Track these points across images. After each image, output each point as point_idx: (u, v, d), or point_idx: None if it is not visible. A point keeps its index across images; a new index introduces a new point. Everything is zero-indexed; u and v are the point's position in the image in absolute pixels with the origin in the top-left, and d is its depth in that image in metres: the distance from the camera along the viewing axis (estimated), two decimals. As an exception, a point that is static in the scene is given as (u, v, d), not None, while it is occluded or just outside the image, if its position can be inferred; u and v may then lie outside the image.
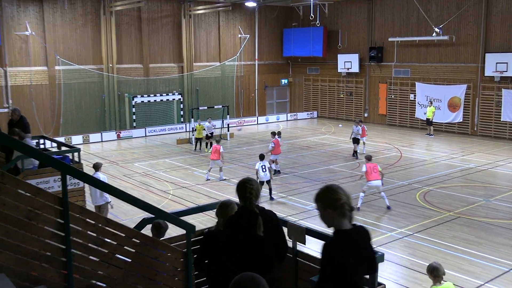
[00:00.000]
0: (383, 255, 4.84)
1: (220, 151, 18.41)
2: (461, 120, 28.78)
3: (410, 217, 14.09)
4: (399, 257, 11.22)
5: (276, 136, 19.60)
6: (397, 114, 32.18)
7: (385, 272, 10.24)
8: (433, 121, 28.47)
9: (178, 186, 17.87)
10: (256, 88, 36.55)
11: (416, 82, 30.62)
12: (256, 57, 36.22)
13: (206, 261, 5.28)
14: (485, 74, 27.32)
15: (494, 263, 10.92)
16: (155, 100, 31.14)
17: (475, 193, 16.59)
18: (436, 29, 27.95)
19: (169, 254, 5.24)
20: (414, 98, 30.84)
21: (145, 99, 30.68)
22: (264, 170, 15.65)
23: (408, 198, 16.04)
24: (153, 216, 5.36)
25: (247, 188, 4.70)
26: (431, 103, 28.90)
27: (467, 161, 21.49)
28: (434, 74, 29.95)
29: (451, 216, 14.15)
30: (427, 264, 10.71)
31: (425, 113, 28.99)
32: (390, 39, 31.33)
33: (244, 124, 33.21)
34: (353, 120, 33.38)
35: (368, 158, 15.36)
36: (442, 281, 6.99)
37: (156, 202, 14.84)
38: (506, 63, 26.15)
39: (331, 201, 3.76)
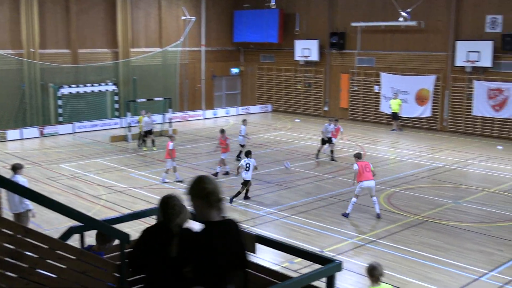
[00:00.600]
0: (340, 263, 4.99)
1: (169, 148, 18.50)
2: (429, 115, 29.68)
3: (373, 222, 14.48)
4: (361, 266, 11.50)
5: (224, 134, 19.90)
6: (360, 107, 32.84)
7: (345, 283, 10.50)
8: (399, 115, 29.29)
9: (112, 190, 17.69)
10: (203, 78, 36.49)
11: (381, 73, 31.35)
12: (203, 43, 36.14)
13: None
14: (456, 64, 28.27)
15: (462, 271, 11.39)
16: (85, 92, 30.60)
17: (443, 194, 17.20)
18: (403, 14, 28.67)
19: (100, 268, 5.22)
20: (379, 90, 31.56)
21: (73, 90, 30.11)
22: (247, 169, 16.01)
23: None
24: (82, 225, 5.33)
25: (170, 205, 4.91)
26: (397, 95, 29.67)
27: (436, 160, 22.21)
28: (401, 63, 30.75)
29: (417, 220, 14.62)
30: (391, 274, 11.10)
31: (390, 107, 29.74)
32: (353, 24, 31.92)
33: (189, 119, 33.13)
34: (313, 114, 33.90)
35: (358, 156, 15.29)
36: (380, 282, 7.33)
37: (85, 209, 14.66)
38: (479, 52, 27.13)
39: (198, 191, 4.17)
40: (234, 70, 38.51)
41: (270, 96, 37.57)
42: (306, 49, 34.19)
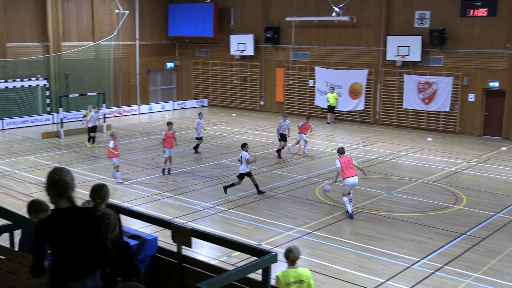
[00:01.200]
0: (275, 255, 5.04)
1: (109, 146, 18.08)
2: (362, 108, 30.36)
3: (309, 214, 14.69)
4: (298, 258, 11.66)
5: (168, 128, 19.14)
6: (295, 101, 33.21)
7: (282, 275, 10.59)
8: (336, 108, 29.95)
9: (44, 188, 17.15)
10: (137, 72, 35.92)
11: (315, 67, 31.79)
12: (137, 37, 35.56)
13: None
14: (387, 59, 29.03)
15: (395, 259, 11.72)
16: (14, 87, 29.53)
17: (377, 186, 17.65)
18: (336, 9, 29.18)
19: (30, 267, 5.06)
20: (314, 84, 32.01)
21: (2, 85, 29.01)
22: (241, 161, 16.01)
23: (307, 193, 16.69)
24: (11, 223, 5.16)
25: (104, 223, 5.17)
26: (333, 89, 30.20)
27: (369, 152, 22.74)
28: (334, 58, 31.27)
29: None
30: (327, 264, 11.31)
31: (327, 100, 30.18)
32: (287, 19, 32.21)
33: (124, 114, 32.57)
34: (249, 108, 34.01)
35: (341, 152, 14.83)
36: (295, 265, 7.45)
37: (16, 208, 14.16)
38: (408, 46, 27.95)
39: (48, 180, 4.46)
40: (169, 65, 38.11)
41: (206, 91, 37.42)
42: (242, 44, 34.24)
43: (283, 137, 21.62)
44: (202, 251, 11.59)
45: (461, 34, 26.99)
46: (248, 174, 16.12)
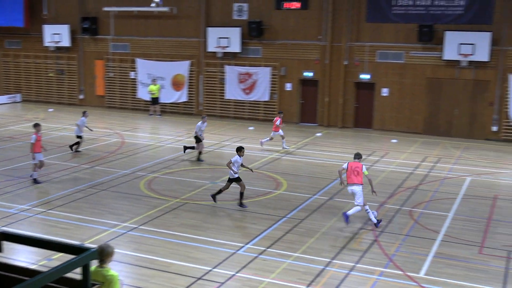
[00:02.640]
0: (95, 251, 4.93)
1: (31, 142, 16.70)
2: (186, 100, 30.65)
3: (134, 209, 14.52)
4: (124, 254, 11.49)
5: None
6: (117, 94, 32.53)
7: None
8: (159, 100, 29.91)
9: None
10: None
11: (136, 59, 31.38)
12: None
13: None
14: (208, 50, 29.57)
15: (221, 247, 12.05)
16: None
17: (201, 176, 17.96)
18: (155, -1, 29.05)
19: None
20: (135, 76, 31.60)
21: None
22: (237, 168, 14.87)
23: (132, 188, 16.48)
24: None
25: None
26: (155, 80, 30.08)
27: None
28: (155, 49, 31.13)
29: (178, 203, 15.05)
30: (154, 258, 11.31)
31: (150, 92, 29.94)
32: (105, 9, 31.37)
33: None
34: (67, 103, 32.64)
35: (355, 157, 14.01)
36: (104, 265, 7.07)
37: None
38: (228, 38, 28.71)
39: None
40: (-25, 57, 35.18)
41: (19, 85, 35.14)
42: (57, 34, 32.67)
43: (197, 140, 20.32)
44: (20, 257, 10.91)
45: (277, 26, 28.37)
46: (237, 179, 14.95)
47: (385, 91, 27.07)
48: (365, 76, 27.29)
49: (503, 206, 15.55)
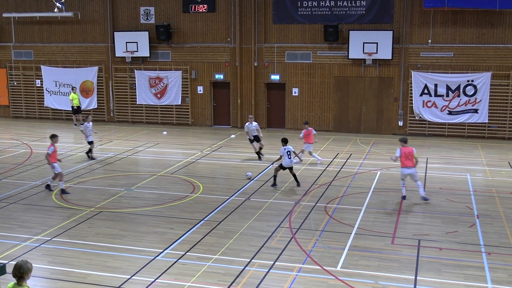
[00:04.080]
0: (3, 266, 4.80)
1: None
2: (96, 106, 30.02)
3: (47, 221, 14.08)
4: (38, 268, 11.11)
5: None
6: (22, 104, 31.36)
7: (21, 289, 10.01)
8: (81, 108, 29.19)
9: None
10: None
11: (41, 66, 30.39)
12: None
13: None
14: (116, 55, 29.09)
15: (139, 254, 11.92)
16: None
17: (116, 183, 17.66)
18: (58, 4, 28.19)
19: None
20: (41, 84, 30.61)
21: None
22: (289, 156, 16.94)
23: (44, 199, 15.97)
24: None
25: None
26: (75, 89, 29.20)
27: (106, 150, 22.61)
28: (61, 55, 30.28)
29: (92, 212, 14.74)
30: (70, 270, 11.03)
31: (71, 101, 28.88)
32: (5, 15, 30.20)
33: None
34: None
35: (404, 141, 15.61)
36: (22, 283, 6.83)
37: None
38: (136, 42, 28.39)
39: None
40: None
41: None
42: (-47, 43, 31.06)
43: (256, 138, 21.43)
44: None
45: (186, 29, 28.35)
46: (291, 168, 17.26)
47: (295, 91, 27.70)
48: (275, 77, 27.81)
49: (412, 196, 16.32)
